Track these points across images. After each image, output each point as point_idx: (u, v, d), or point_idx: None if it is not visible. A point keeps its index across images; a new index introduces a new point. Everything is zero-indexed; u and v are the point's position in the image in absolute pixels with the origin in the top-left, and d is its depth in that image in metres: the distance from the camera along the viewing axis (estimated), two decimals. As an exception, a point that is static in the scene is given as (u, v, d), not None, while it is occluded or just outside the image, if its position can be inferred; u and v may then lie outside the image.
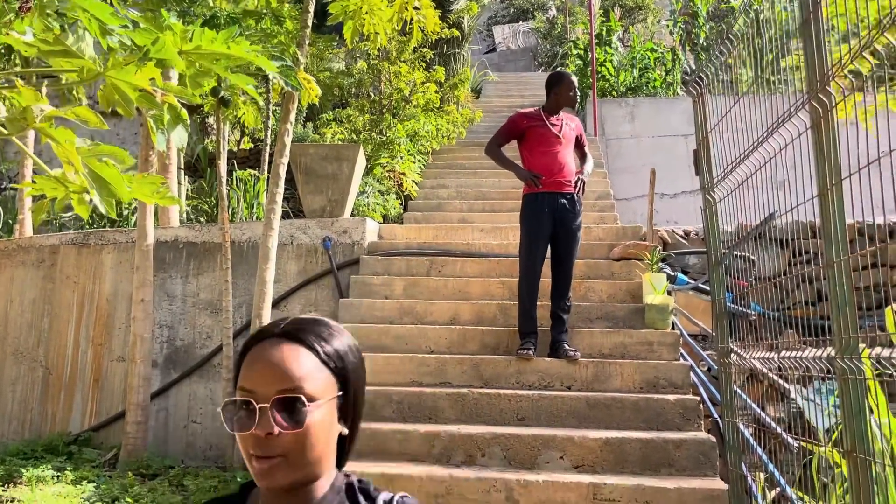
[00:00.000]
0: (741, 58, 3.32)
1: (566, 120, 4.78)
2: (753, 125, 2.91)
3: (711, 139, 3.30)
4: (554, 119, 4.75)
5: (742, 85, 3.11)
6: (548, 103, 4.80)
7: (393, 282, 5.45)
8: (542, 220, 4.56)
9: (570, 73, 4.96)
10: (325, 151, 6.05)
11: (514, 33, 22.50)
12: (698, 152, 3.37)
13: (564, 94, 4.74)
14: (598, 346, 4.68)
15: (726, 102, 3.11)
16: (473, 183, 8.52)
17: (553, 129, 4.70)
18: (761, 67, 3.03)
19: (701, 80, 3.38)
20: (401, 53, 8.92)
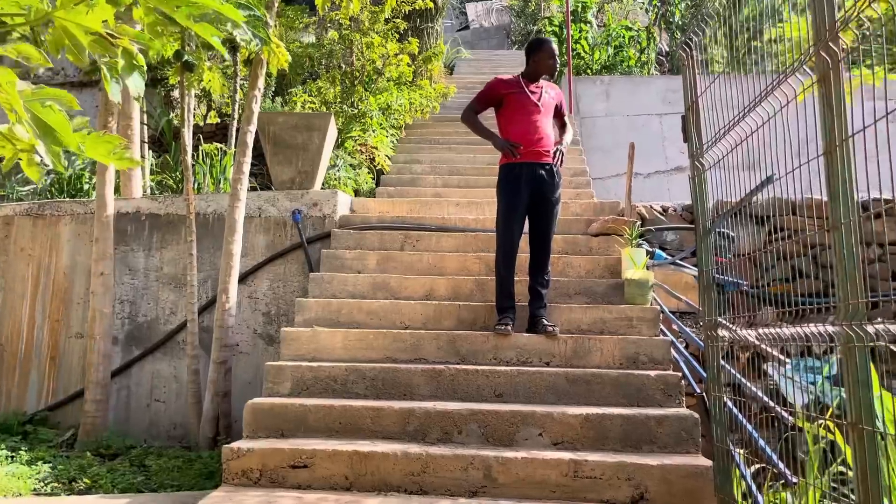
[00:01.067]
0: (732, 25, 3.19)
1: (546, 88, 4.62)
2: (745, 92, 2.78)
3: (702, 104, 3.17)
4: (533, 87, 4.58)
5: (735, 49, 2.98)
6: (527, 70, 4.63)
7: (366, 256, 5.27)
8: (519, 191, 4.40)
9: (552, 39, 4.78)
10: (295, 120, 5.82)
11: (487, 11, 22.22)
12: (687, 118, 3.24)
13: (544, 61, 4.57)
14: (577, 321, 4.56)
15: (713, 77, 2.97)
16: (448, 158, 8.34)
17: (532, 97, 4.53)
18: (757, 31, 2.90)
19: (690, 42, 3.24)
20: (373, 24, 8.66)
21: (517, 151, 4.38)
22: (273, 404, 3.71)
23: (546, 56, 4.57)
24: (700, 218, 3.19)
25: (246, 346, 5.63)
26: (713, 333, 3.10)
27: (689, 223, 6.14)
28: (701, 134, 3.21)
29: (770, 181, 2.56)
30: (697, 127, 3.21)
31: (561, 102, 4.72)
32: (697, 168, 3.17)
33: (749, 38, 3.06)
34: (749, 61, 3.23)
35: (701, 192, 3.18)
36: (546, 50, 4.59)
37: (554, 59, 4.57)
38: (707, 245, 3.16)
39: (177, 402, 5.64)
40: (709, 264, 3.14)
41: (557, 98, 4.69)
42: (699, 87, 3.21)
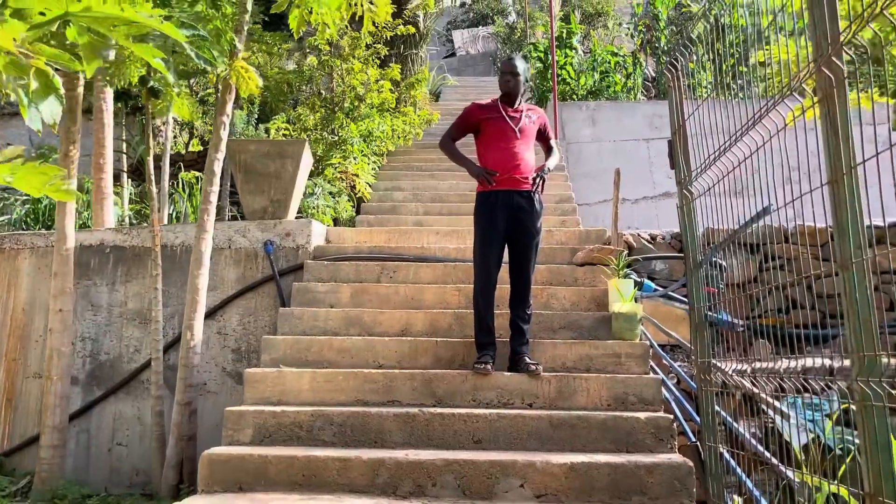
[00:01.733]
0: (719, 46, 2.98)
1: (527, 112, 4.39)
2: (735, 116, 2.56)
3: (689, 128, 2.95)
4: (512, 111, 4.35)
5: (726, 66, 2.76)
6: (502, 94, 4.43)
7: (339, 289, 4.99)
8: (495, 220, 4.16)
9: (516, 56, 4.56)
10: (267, 148, 5.57)
11: (473, 38, 22.21)
12: (674, 142, 3.01)
13: (502, 79, 4.40)
14: (561, 358, 4.29)
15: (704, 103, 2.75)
16: (430, 185, 8.11)
17: (510, 122, 4.30)
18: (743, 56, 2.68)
19: (676, 64, 3.02)
20: (354, 50, 8.47)
21: (493, 179, 4.14)
22: (231, 455, 3.41)
23: (503, 73, 4.40)
24: (689, 250, 2.95)
25: (214, 385, 5.32)
26: (706, 377, 2.84)
27: (678, 252, 5.91)
28: (689, 160, 2.98)
29: (767, 212, 2.32)
30: (685, 152, 2.98)
31: (545, 125, 4.49)
32: (686, 196, 2.93)
33: (736, 61, 2.84)
34: (735, 86, 3.01)
35: (690, 222, 2.94)
36: (503, 67, 4.42)
37: (510, 76, 4.34)
38: (697, 279, 2.92)
39: (140, 445, 5.31)
40: (700, 301, 2.89)
41: (540, 121, 4.45)
42: (686, 111, 2.98)
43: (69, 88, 5.17)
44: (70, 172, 5.07)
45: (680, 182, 2.96)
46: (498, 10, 23.38)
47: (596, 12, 19.41)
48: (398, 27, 8.87)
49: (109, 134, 6.55)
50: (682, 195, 2.95)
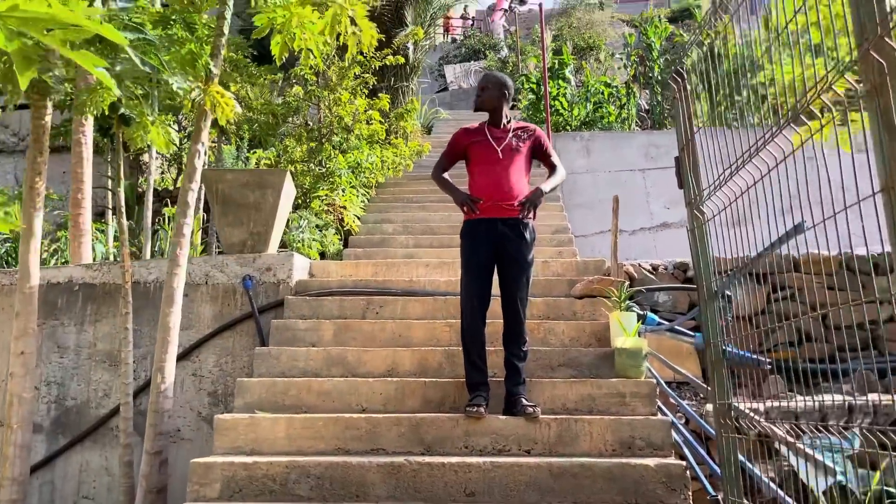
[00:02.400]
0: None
1: (515, 130, 4.08)
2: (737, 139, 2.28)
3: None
4: (498, 132, 4.05)
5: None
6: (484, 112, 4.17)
7: (321, 326, 4.66)
8: (478, 251, 3.85)
9: (492, 71, 4.27)
10: (246, 178, 5.28)
11: (465, 72, 22.17)
12: (682, 159, 2.72)
13: (477, 95, 4.14)
14: (561, 398, 3.95)
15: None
16: (421, 217, 7.83)
17: (493, 143, 3.99)
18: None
19: (681, 71, 2.75)
20: (341, 80, 8.26)
21: (475, 207, 3.84)
22: (194, 514, 3.05)
23: (478, 87, 4.15)
24: (702, 278, 2.64)
25: (188, 431, 4.95)
26: (727, 421, 2.51)
27: (681, 282, 5.60)
28: (699, 178, 2.69)
29: (800, 230, 2.02)
30: (695, 170, 2.69)
31: (540, 142, 4.13)
32: (697, 218, 2.63)
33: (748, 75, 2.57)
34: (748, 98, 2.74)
35: (703, 247, 2.63)
36: (479, 80, 4.17)
37: (480, 91, 4.09)
38: (713, 311, 2.60)
39: (108, 498, 4.91)
40: (717, 335, 2.58)
41: (533, 139, 4.10)
42: (694, 123, 2.70)
43: (36, 117, 4.90)
44: (35, 205, 4.76)
45: (690, 203, 2.67)
46: (490, 45, 23.44)
47: (587, 46, 19.42)
48: (386, 57, 8.66)
49: (88, 169, 6.27)
50: (693, 217, 2.66)
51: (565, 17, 24.48)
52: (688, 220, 2.69)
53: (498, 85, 4.07)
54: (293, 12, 5.08)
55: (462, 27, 27.63)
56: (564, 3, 26.92)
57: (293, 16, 5.08)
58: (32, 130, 4.89)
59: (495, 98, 4.04)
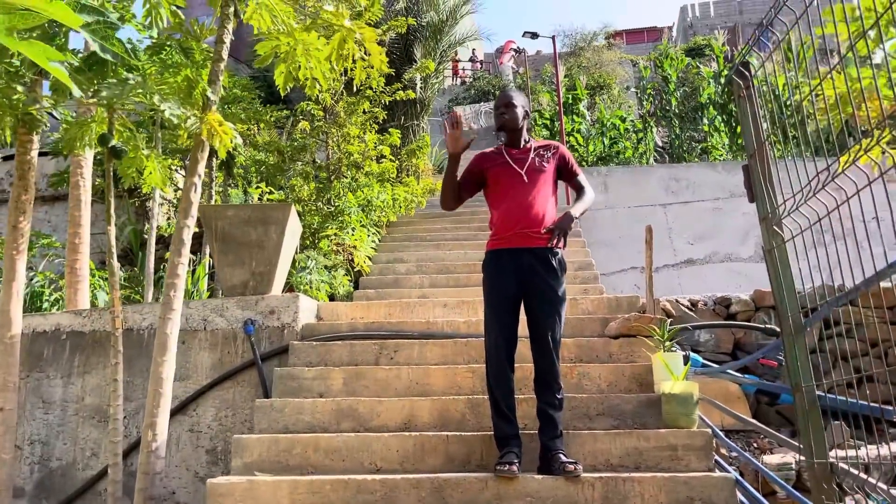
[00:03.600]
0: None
1: (537, 149, 3.64)
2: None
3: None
4: (518, 152, 3.62)
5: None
6: (502, 133, 3.72)
7: (330, 374, 4.19)
8: (503, 285, 3.39)
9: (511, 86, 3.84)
10: (248, 213, 4.88)
11: (476, 113, 22.00)
12: (752, 168, 2.28)
13: (497, 113, 3.68)
14: (604, 453, 3.45)
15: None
16: (436, 255, 7.40)
17: (514, 166, 3.56)
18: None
19: (747, 67, 2.33)
20: (350, 115, 7.94)
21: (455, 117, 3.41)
22: None
23: (496, 108, 3.68)
24: (785, 308, 2.18)
25: (184, 494, 4.46)
26: (829, 486, 2.01)
27: (723, 318, 5.11)
28: (773, 189, 2.25)
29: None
30: (768, 179, 2.25)
31: (566, 160, 3.70)
32: (776, 235, 2.18)
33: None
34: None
35: (785, 270, 2.18)
36: (496, 102, 3.70)
37: (504, 108, 3.62)
38: (801, 347, 2.13)
39: (94, 571, 4.41)
40: (808, 377, 2.10)
41: (558, 157, 3.67)
42: (763, 127, 2.28)
43: (21, 152, 4.55)
44: (17, 247, 4.38)
45: (764, 219, 2.22)
46: (499, 87, 23.32)
47: (598, 84, 19.23)
48: (396, 92, 8.36)
49: (87, 213, 5.92)
50: (769, 236, 2.21)
51: (574, 57, 24.43)
52: (763, 238, 2.24)
53: (521, 101, 3.67)
54: (298, 39, 4.74)
55: (471, 69, 27.63)
56: (573, 45, 26.94)
57: (298, 43, 4.74)
58: (17, 166, 4.53)
59: (520, 116, 3.63)
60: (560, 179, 3.72)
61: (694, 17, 37.89)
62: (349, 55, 5.07)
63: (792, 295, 2.16)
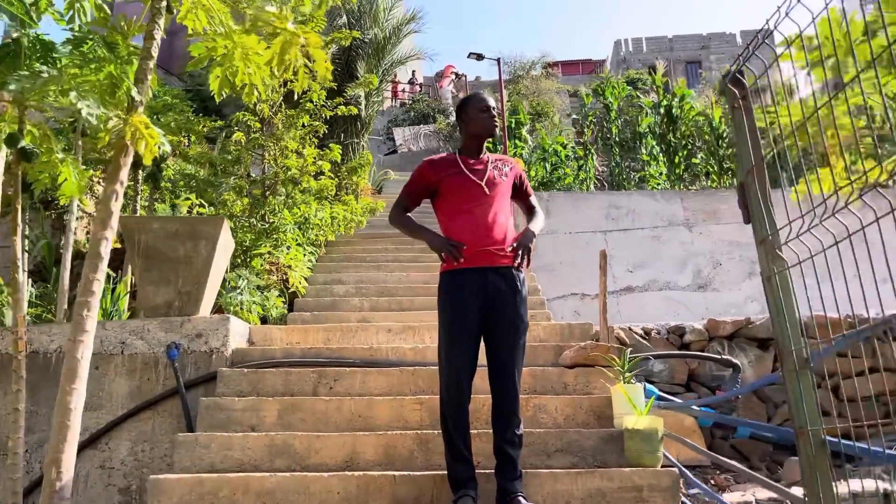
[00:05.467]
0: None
1: (496, 162, 3.36)
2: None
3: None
4: (475, 162, 3.32)
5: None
6: (463, 141, 3.39)
7: (263, 405, 3.79)
8: (465, 310, 3.08)
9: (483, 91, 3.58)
10: (175, 226, 4.46)
11: (415, 136, 21.84)
12: (748, 188, 2.07)
13: (475, 117, 3.30)
14: (565, 495, 3.18)
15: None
16: (376, 277, 7.06)
17: (473, 177, 3.26)
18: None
19: (742, 75, 2.13)
20: (288, 128, 7.56)
21: (460, 253, 3.08)
22: None
23: (478, 108, 3.31)
24: (787, 341, 1.96)
25: (92, 539, 3.96)
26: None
27: (678, 348, 4.95)
28: (770, 210, 2.04)
29: None
30: (766, 199, 2.04)
31: (521, 178, 3.46)
32: (777, 260, 1.97)
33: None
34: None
35: (787, 299, 1.96)
36: (477, 100, 3.34)
37: (489, 113, 3.30)
38: (806, 384, 1.92)
39: None
40: (815, 419, 1.88)
41: (514, 173, 3.42)
42: (764, 138, 2.08)
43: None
44: None
45: (763, 242, 2.01)
46: (439, 110, 23.25)
47: (536, 113, 19.34)
48: (338, 106, 8.04)
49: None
50: (768, 261, 1.99)
51: (513, 84, 24.62)
52: (761, 263, 2.02)
53: (496, 108, 3.41)
54: (236, 42, 4.37)
55: (410, 93, 27.54)
56: (512, 72, 27.19)
57: (236, 46, 4.37)
58: None
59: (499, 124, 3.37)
60: (512, 198, 3.46)
61: (627, 51, 38.99)
62: (292, 61, 4.72)
63: (795, 326, 1.95)
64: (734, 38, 38.35)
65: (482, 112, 3.29)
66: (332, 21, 11.29)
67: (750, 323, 4.87)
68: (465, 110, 3.34)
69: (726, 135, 12.07)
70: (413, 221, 3.34)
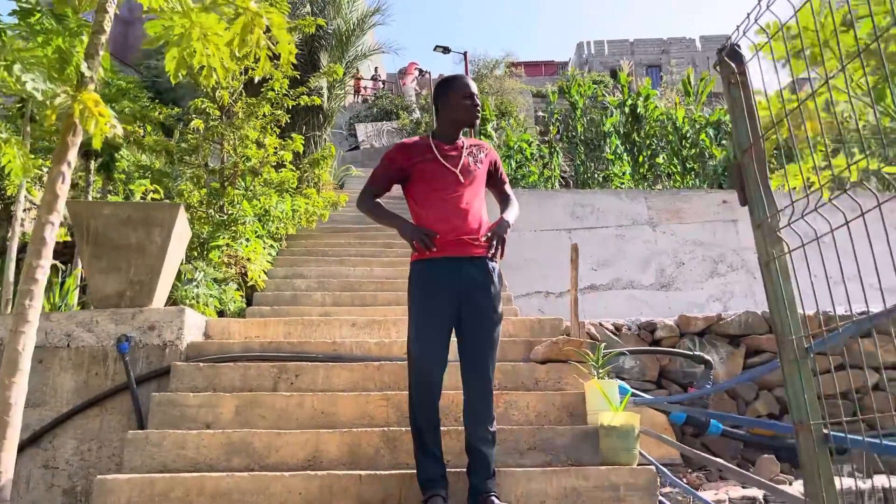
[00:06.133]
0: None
1: (471, 148, 3.19)
2: None
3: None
4: (450, 148, 3.14)
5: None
6: (439, 125, 3.21)
7: (220, 401, 3.58)
8: (439, 301, 2.93)
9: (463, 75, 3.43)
10: (128, 212, 4.21)
11: (378, 132, 21.59)
12: (745, 167, 1.96)
13: (458, 103, 3.10)
14: (538, 494, 3.04)
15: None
16: (339, 272, 6.86)
17: (448, 163, 3.09)
18: None
19: (739, 49, 2.01)
20: (249, 117, 7.31)
21: (432, 242, 2.93)
22: None
23: (459, 95, 3.10)
24: (784, 329, 1.85)
25: (33, 545, 3.70)
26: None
27: (648, 344, 4.87)
28: (769, 190, 1.93)
29: None
30: (765, 179, 1.93)
31: (496, 164, 3.30)
32: (777, 244, 1.85)
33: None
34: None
35: (786, 286, 1.85)
36: (458, 85, 3.13)
37: (472, 101, 3.11)
38: (807, 376, 1.81)
39: None
40: (817, 414, 1.77)
41: (490, 159, 3.25)
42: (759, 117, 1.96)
43: None
44: None
45: (760, 225, 1.90)
46: (402, 107, 23.03)
47: (500, 112, 19.28)
48: (301, 96, 7.81)
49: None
50: (766, 245, 1.88)
51: (477, 82, 24.51)
52: (758, 248, 1.91)
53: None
54: (195, 21, 4.14)
55: (373, 89, 27.27)
56: (475, 71, 27.11)
57: (194, 25, 4.14)
58: None
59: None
60: (486, 185, 3.31)
61: (589, 53, 39.30)
62: (254, 43, 4.50)
63: (794, 314, 1.84)
64: (694, 44, 38.95)
65: (465, 98, 3.10)
66: (295, 10, 11.02)
67: (721, 319, 4.82)
68: (447, 94, 3.13)
69: (689, 135, 12.14)
70: (383, 207, 3.17)
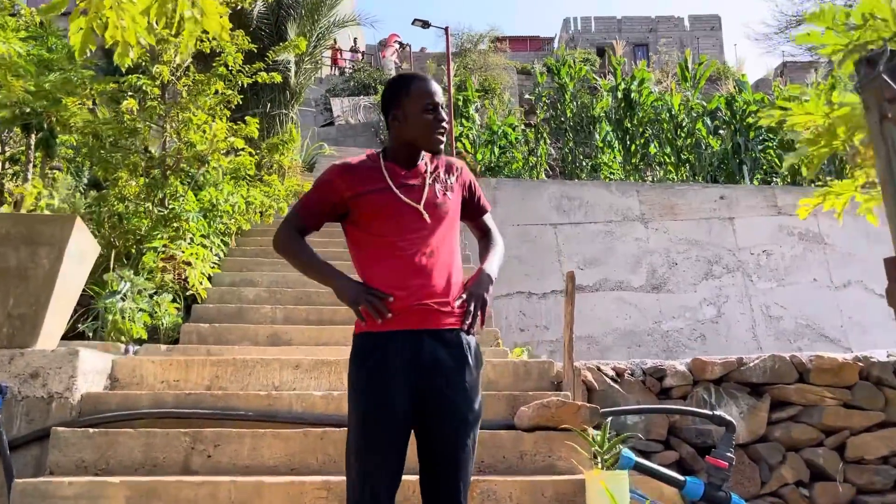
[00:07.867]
0: None
1: (437, 171, 2.25)
2: None
3: None
4: (408, 174, 2.20)
5: None
6: (392, 144, 2.24)
7: (105, 492, 2.70)
8: (390, 392, 2.03)
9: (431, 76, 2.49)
10: (6, 227, 3.28)
11: (354, 107, 20.54)
12: None
13: (415, 117, 2.15)
14: None
15: None
16: (294, 279, 5.95)
17: (406, 196, 2.16)
18: None
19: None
20: (195, 96, 6.34)
21: (385, 308, 2.04)
22: None
23: (420, 105, 2.14)
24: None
25: None
26: None
27: (656, 394, 4.06)
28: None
29: None
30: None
31: (473, 189, 2.35)
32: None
33: None
34: None
35: None
36: (419, 91, 2.15)
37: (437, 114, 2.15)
38: None
39: None
40: None
41: (464, 182, 2.31)
42: None
43: None
44: None
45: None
46: (381, 80, 21.96)
47: (484, 89, 18.32)
48: (258, 73, 6.84)
49: None
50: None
51: (460, 57, 23.48)
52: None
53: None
54: (105, -17, 3.19)
55: (351, 60, 26.12)
56: (458, 45, 26.03)
57: (105, -12, 3.19)
58: None
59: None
60: (462, 218, 2.39)
61: (576, 30, 38.26)
62: (175, 13, 3.51)
63: None
64: (682, 23, 38.03)
65: (426, 112, 2.14)
66: (259, -25, 9.97)
67: (742, 364, 4.02)
68: (401, 103, 2.17)
69: (685, 124, 11.32)
70: (313, 253, 2.24)
